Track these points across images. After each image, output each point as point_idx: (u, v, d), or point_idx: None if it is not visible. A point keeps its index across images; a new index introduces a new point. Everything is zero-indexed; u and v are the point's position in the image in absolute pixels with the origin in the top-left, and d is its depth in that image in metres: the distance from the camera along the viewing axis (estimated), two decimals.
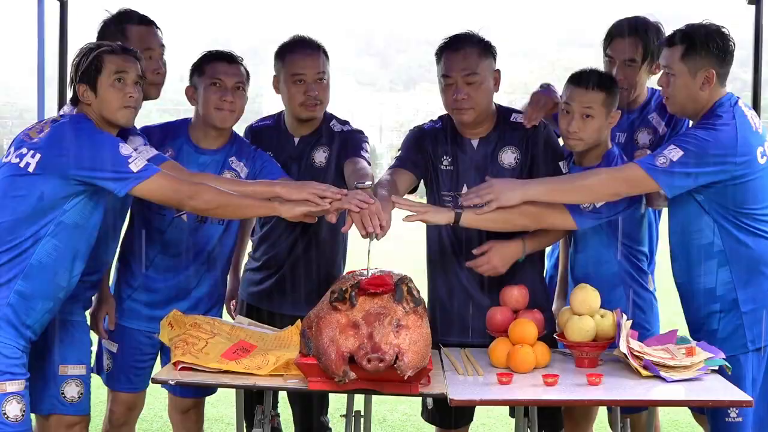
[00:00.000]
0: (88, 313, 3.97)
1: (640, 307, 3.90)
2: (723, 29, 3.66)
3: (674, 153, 3.51)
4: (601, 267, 3.89)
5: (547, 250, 4.24)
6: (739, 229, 3.60)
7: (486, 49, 3.92)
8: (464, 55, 3.87)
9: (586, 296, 3.63)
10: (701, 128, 3.57)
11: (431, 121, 4.17)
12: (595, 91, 3.74)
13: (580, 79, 3.79)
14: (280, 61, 4.26)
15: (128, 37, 3.92)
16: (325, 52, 4.27)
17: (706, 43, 3.59)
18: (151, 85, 3.93)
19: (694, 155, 3.49)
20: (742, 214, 3.58)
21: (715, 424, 3.67)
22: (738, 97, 3.66)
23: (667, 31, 3.92)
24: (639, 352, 3.44)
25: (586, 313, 3.59)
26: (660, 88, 3.84)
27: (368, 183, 3.73)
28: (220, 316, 4.10)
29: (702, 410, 3.86)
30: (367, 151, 4.21)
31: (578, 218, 3.76)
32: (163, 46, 4.04)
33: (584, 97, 3.74)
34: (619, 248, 3.88)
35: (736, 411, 3.57)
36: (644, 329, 3.78)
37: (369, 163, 4.10)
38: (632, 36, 4.06)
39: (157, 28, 4.05)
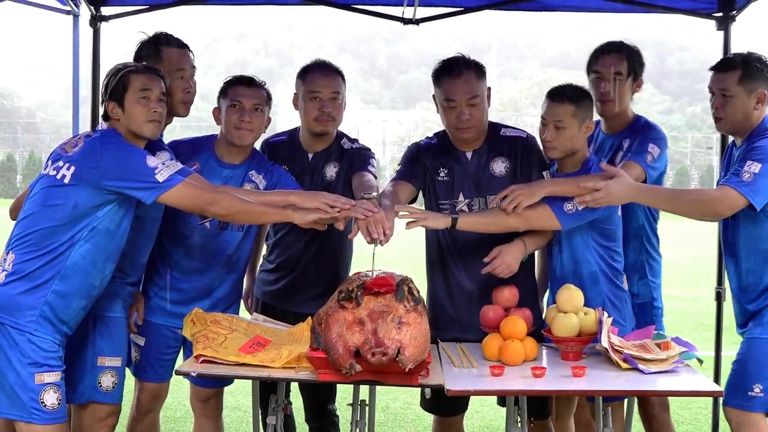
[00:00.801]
0: None
1: (614, 304, 3.89)
2: (764, 56, 3.75)
3: (754, 167, 3.52)
4: (581, 266, 3.89)
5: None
6: None
7: (481, 71, 3.93)
8: (465, 79, 3.86)
9: (571, 295, 3.62)
10: (763, 139, 3.61)
11: (427, 137, 4.18)
12: (565, 104, 3.81)
13: (553, 95, 3.88)
14: (301, 80, 4.27)
15: (162, 58, 3.91)
16: (342, 76, 4.28)
17: (759, 68, 3.67)
18: (180, 103, 3.94)
19: None
20: None
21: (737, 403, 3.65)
22: None
23: (645, 54, 4.00)
24: (619, 347, 3.43)
25: (570, 310, 3.59)
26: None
27: (374, 194, 3.74)
28: (238, 314, 4.09)
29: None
30: (373, 166, 4.22)
31: (562, 219, 3.75)
32: (194, 67, 4.03)
33: (556, 110, 3.82)
34: (598, 249, 3.89)
35: (761, 386, 3.57)
36: (620, 325, 3.76)
37: (375, 177, 4.11)
38: (618, 53, 4.09)
39: (190, 51, 4.04)
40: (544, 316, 3.91)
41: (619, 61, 4.06)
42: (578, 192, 3.68)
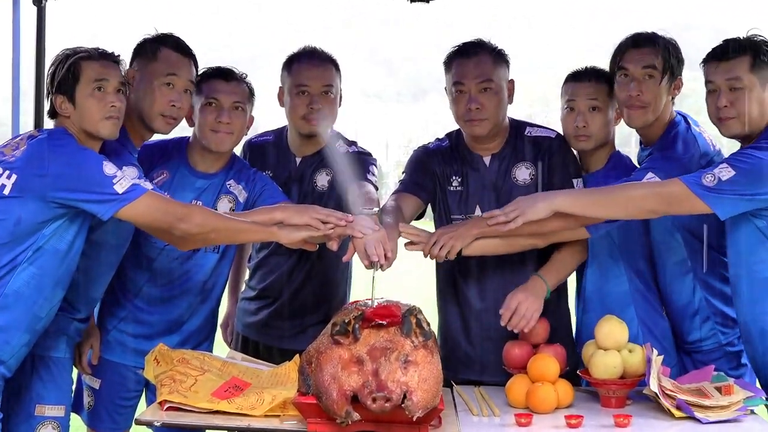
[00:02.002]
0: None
1: (652, 333, 3.89)
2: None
3: (725, 172, 3.46)
4: (609, 283, 3.92)
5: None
6: None
7: (500, 57, 3.96)
8: (477, 61, 3.90)
9: (612, 329, 3.61)
10: (758, 148, 3.52)
11: (437, 139, 4.18)
12: (599, 83, 3.92)
13: (581, 75, 4.00)
14: (287, 72, 4.28)
15: (157, 59, 3.87)
16: (336, 66, 4.30)
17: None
18: (160, 116, 3.84)
19: (747, 174, 3.46)
20: None
21: None
22: None
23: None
24: (671, 391, 3.42)
25: (612, 347, 3.58)
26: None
27: (375, 209, 3.74)
28: (212, 350, 4.09)
29: None
30: (374, 174, 4.22)
31: (592, 227, 3.77)
32: (191, 82, 3.93)
33: (589, 89, 3.92)
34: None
35: None
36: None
37: (376, 188, 4.11)
38: (649, 46, 3.92)
39: (193, 62, 3.96)
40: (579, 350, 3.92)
41: (650, 56, 3.89)
42: (495, 229, 3.66)
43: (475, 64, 3.90)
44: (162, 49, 3.91)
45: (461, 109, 3.91)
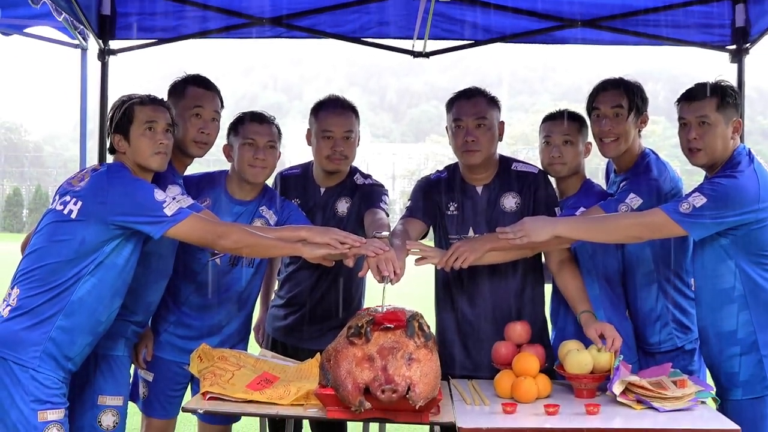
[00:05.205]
0: None
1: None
2: (733, 85, 3.71)
3: (697, 200, 3.45)
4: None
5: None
6: (761, 273, 3.53)
7: (493, 101, 3.98)
8: (475, 102, 3.93)
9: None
10: (723, 177, 3.51)
11: (437, 171, 4.19)
12: (571, 121, 3.99)
13: (555, 116, 4.08)
14: (314, 117, 4.29)
15: (185, 95, 3.92)
16: (355, 113, 4.30)
17: (732, 95, 3.62)
18: (193, 142, 3.89)
19: (716, 200, 3.44)
20: (764, 256, 3.52)
21: None
22: (749, 148, 3.64)
23: (656, 87, 3.92)
24: (633, 385, 3.40)
25: (583, 347, 3.57)
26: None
27: (385, 233, 3.75)
28: (246, 349, 4.08)
29: None
30: (386, 203, 4.23)
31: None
32: (217, 112, 3.97)
33: (562, 127, 3.98)
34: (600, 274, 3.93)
35: None
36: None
37: (387, 214, 4.11)
38: (616, 89, 3.97)
39: (216, 94, 4.00)
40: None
41: (617, 97, 3.94)
42: (506, 244, 3.63)
43: (473, 104, 3.92)
44: (189, 87, 3.96)
45: (459, 141, 3.92)
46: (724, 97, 3.59)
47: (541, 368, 3.59)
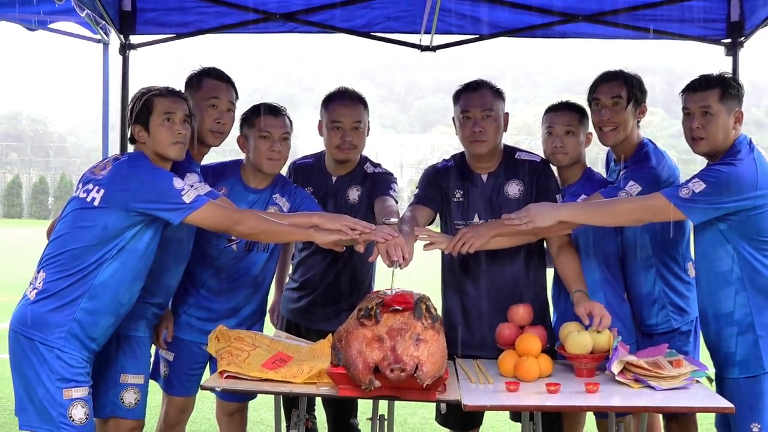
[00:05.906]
0: None
1: (617, 314, 3.86)
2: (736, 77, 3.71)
3: (697, 185, 3.45)
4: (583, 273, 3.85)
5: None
6: (757, 257, 3.52)
7: (498, 93, 3.97)
8: (482, 94, 3.92)
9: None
10: (722, 164, 3.50)
11: (444, 160, 4.18)
12: (572, 112, 4.00)
13: (557, 107, 4.08)
14: (324, 108, 4.29)
15: (201, 87, 3.93)
16: (364, 104, 4.29)
17: (735, 87, 3.61)
18: (209, 132, 3.92)
19: (715, 186, 3.43)
20: (761, 242, 3.51)
21: None
22: (750, 137, 3.63)
23: (653, 80, 3.91)
24: (629, 365, 3.40)
25: (583, 328, 3.57)
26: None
27: (394, 219, 3.75)
28: (262, 330, 4.09)
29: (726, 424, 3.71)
30: (395, 191, 4.22)
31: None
32: (232, 102, 3.98)
33: (564, 117, 3.98)
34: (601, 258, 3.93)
35: (759, 425, 3.49)
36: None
37: (396, 202, 4.11)
38: (615, 80, 3.98)
39: (231, 85, 4.01)
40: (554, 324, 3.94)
41: (616, 87, 3.95)
42: (512, 229, 3.64)
43: (480, 96, 3.91)
44: (205, 79, 3.97)
45: (467, 131, 3.91)
46: (727, 89, 3.59)
47: (543, 349, 3.59)
